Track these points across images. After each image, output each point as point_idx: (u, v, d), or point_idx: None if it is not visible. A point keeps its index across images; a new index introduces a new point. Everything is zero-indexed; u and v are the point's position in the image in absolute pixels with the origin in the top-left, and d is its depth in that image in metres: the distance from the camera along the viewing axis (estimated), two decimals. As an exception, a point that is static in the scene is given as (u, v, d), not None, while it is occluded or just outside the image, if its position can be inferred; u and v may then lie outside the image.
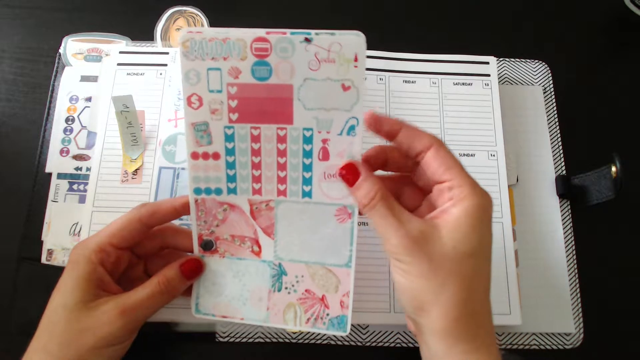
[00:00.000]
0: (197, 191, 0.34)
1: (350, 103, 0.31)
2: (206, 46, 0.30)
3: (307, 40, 0.30)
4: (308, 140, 0.32)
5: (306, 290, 0.35)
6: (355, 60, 0.30)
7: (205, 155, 0.33)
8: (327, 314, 0.35)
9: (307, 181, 0.33)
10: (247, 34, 0.30)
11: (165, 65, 0.47)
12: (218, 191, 0.34)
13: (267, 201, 0.34)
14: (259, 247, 0.35)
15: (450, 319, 0.28)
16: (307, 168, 0.33)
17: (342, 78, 0.31)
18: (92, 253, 0.33)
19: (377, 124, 0.31)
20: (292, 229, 0.35)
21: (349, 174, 0.32)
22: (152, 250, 0.37)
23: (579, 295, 0.43)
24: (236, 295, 0.36)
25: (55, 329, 0.32)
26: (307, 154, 0.33)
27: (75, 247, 0.34)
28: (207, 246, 0.36)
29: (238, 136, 0.33)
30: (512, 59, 0.51)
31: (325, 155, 0.33)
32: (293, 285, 0.36)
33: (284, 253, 0.35)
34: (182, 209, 0.35)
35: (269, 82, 0.31)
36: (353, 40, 0.30)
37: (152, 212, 0.35)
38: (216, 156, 0.33)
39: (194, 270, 0.35)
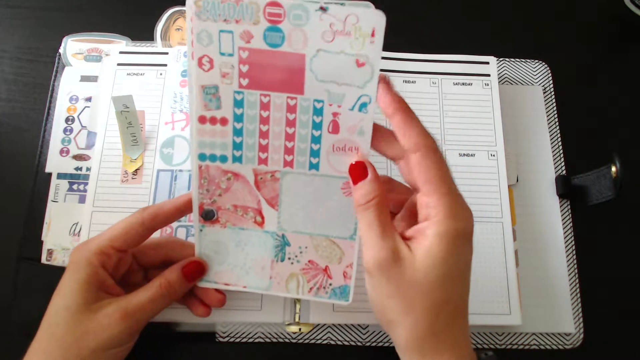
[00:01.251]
0: (202, 157, 0.33)
1: (364, 80, 0.30)
2: (218, 7, 0.29)
3: (323, 9, 0.29)
4: (318, 112, 0.32)
5: (309, 261, 0.35)
6: (373, 35, 0.29)
7: (213, 120, 0.32)
8: (330, 284, 0.36)
9: (315, 153, 0.33)
10: None
11: (165, 65, 0.47)
12: (223, 158, 0.33)
13: (273, 172, 0.34)
14: (262, 217, 0.35)
15: (413, 337, 0.29)
16: (316, 140, 0.32)
17: (357, 53, 0.30)
18: (92, 255, 0.33)
19: (382, 95, 0.30)
20: (297, 201, 0.34)
21: (357, 172, 0.31)
22: (156, 260, 0.37)
23: (579, 295, 0.43)
24: (239, 264, 0.36)
25: (56, 331, 0.32)
26: (317, 126, 0.32)
27: (75, 249, 0.34)
28: (208, 216, 0.35)
29: (247, 102, 0.32)
30: (512, 59, 0.51)
31: (335, 128, 0.32)
32: (296, 256, 0.36)
33: (288, 224, 0.35)
34: (185, 208, 0.35)
35: (281, 50, 0.30)
36: (372, 14, 0.29)
37: (154, 215, 0.35)
38: (224, 122, 0.32)
39: (196, 272, 0.35)
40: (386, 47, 0.47)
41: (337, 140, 0.32)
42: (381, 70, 0.49)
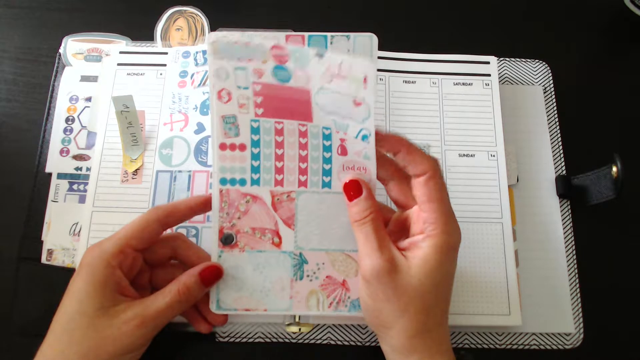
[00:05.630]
0: (223, 181, 0.36)
1: (362, 117, 0.33)
2: (232, 48, 0.33)
3: (319, 55, 0.32)
4: (327, 137, 0.35)
5: (327, 277, 0.36)
6: (365, 82, 0.32)
7: (233, 147, 0.35)
8: (349, 297, 0.37)
9: (327, 172, 0.35)
10: (267, 40, 0.32)
11: (165, 65, 0.47)
12: (242, 182, 0.36)
13: (289, 192, 0.36)
14: (280, 238, 0.36)
15: (406, 337, 0.32)
16: (327, 161, 0.35)
17: (354, 95, 0.33)
18: (110, 256, 0.33)
19: (379, 142, 0.34)
20: (312, 219, 0.36)
21: (352, 190, 0.34)
22: (163, 257, 0.37)
23: (579, 295, 0.43)
24: (258, 288, 0.36)
25: (73, 336, 0.31)
26: (327, 149, 0.35)
27: (88, 251, 0.34)
28: (227, 240, 0.36)
29: (263, 129, 0.35)
30: (513, 59, 0.51)
31: (343, 151, 0.35)
32: (314, 273, 0.36)
33: (304, 243, 0.36)
34: (198, 209, 0.36)
35: (289, 85, 0.33)
36: (363, 63, 0.32)
37: (168, 213, 0.35)
38: (242, 147, 0.35)
39: (213, 277, 0.35)
40: (386, 47, 0.48)
41: (347, 161, 0.35)
42: (382, 70, 0.49)
